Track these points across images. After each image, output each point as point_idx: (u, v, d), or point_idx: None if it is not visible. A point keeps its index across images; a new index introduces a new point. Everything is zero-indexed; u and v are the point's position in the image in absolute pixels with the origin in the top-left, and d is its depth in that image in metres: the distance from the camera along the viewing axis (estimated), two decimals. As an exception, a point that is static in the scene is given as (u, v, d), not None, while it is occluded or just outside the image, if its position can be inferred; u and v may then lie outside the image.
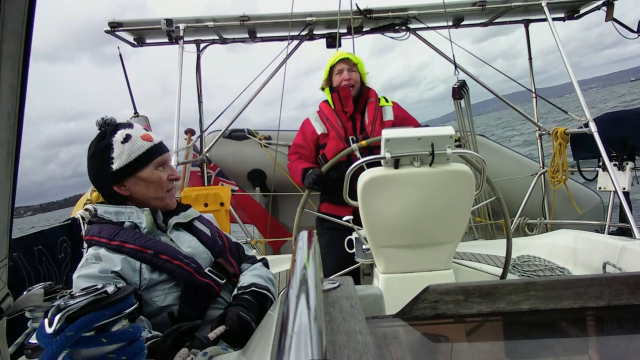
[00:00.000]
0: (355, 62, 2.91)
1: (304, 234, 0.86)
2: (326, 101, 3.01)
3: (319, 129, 2.91)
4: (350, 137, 2.83)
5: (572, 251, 2.89)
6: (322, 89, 3.03)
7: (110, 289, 0.88)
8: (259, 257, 1.78)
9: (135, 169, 1.47)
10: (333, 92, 2.92)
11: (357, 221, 2.27)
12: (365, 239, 2.25)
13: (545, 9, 4.06)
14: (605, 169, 3.57)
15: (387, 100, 3.02)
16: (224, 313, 1.37)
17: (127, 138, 1.47)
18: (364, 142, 2.31)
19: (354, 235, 2.43)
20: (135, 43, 4.27)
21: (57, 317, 0.80)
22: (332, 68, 2.94)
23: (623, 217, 3.41)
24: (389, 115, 2.95)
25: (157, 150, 1.52)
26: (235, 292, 1.53)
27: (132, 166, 1.46)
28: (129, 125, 1.52)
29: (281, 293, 1.62)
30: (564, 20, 4.58)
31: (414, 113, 3.05)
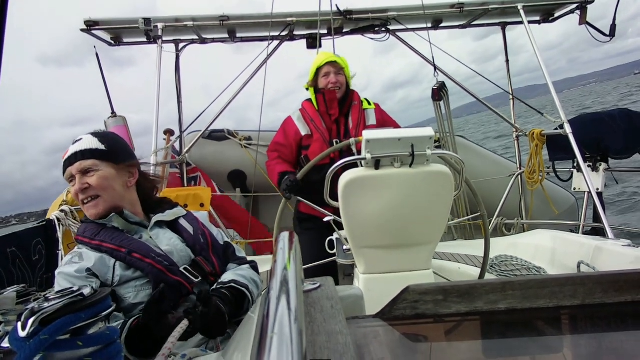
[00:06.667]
0: (342, 66, 2.88)
1: (284, 235, 0.86)
2: (309, 100, 2.98)
3: (303, 129, 2.88)
4: (334, 140, 2.81)
5: (548, 251, 2.94)
6: (307, 88, 3.00)
7: (87, 291, 0.87)
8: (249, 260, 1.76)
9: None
10: (318, 93, 2.89)
11: (337, 221, 2.27)
12: (346, 239, 2.26)
13: (522, 12, 4.13)
14: (579, 170, 3.64)
15: (369, 103, 3.02)
16: (200, 290, 1.32)
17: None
18: (361, 137, 2.30)
19: (334, 236, 2.43)
20: (113, 42, 4.19)
21: (30, 321, 0.78)
22: (318, 69, 2.90)
23: (597, 217, 3.49)
24: (372, 119, 2.95)
25: (66, 164, 1.51)
26: (214, 287, 1.53)
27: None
28: (77, 139, 1.54)
29: (262, 294, 1.61)
30: (540, 24, 4.66)
31: (417, 111, 3.10)
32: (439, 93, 4.46)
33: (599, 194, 3.60)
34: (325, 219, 2.35)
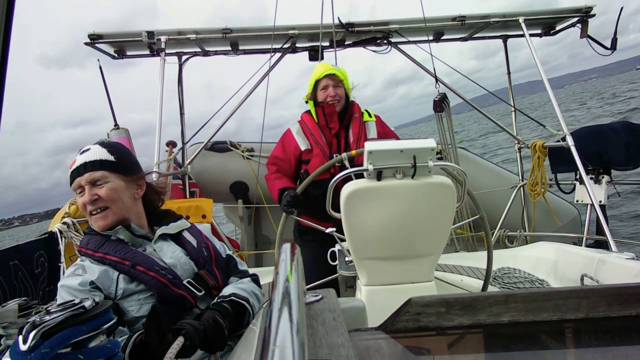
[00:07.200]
0: (341, 78, 2.85)
1: (286, 247, 0.86)
2: (309, 112, 2.96)
3: (303, 144, 2.86)
4: (334, 155, 2.77)
5: (551, 263, 2.93)
6: (306, 101, 2.97)
7: (88, 303, 0.87)
8: (250, 273, 1.76)
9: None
10: (317, 106, 2.86)
11: (339, 233, 2.27)
12: (348, 251, 2.25)
13: (523, 25, 4.15)
14: (582, 182, 3.64)
15: (370, 115, 2.99)
16: (200, 314, 1.38)
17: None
18: (353, 152, 2.30)
19: (337, 248, 2.42)
20: (116, 55, 4.23)
21: (32, 334, 0.78)
22: (317, 82, 2.87)
23: (600, 230, 3.47)
24: (372, 132, 2.93)
25: (74, 175, 1.50)
26: (215, 301, 1.52)
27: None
28: (85, 149, 1.54)
29: (263, 306, 1.60)
30: (541, 36, 4.69)
31: (417, 108, 3.06)
32: (441, 104, 4.47)
33: (602, 206, 3.59)
34: (327, 231, 2.34)
